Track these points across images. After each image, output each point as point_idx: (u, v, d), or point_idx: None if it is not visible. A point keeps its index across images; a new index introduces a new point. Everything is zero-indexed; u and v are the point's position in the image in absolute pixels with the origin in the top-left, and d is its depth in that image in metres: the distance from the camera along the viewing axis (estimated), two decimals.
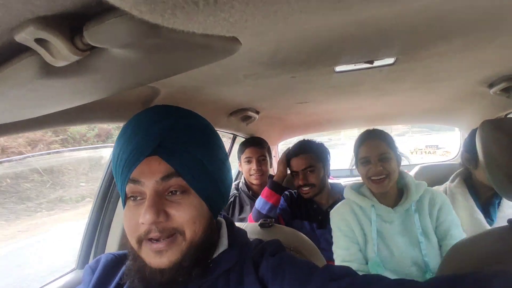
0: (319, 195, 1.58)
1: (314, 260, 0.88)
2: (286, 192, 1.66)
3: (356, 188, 1.35)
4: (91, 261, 0.74)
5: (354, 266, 1.19)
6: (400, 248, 1.19)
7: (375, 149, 1.24)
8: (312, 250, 0.93)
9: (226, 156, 0.66)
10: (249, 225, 1.06)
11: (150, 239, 0.55)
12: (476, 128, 0.92)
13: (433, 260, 1.16)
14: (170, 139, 0.56)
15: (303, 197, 1.58)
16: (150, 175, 0.55)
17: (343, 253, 1.24)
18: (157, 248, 0.55)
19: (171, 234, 0.55)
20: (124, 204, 0.60)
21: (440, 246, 1.19)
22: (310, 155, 1.55)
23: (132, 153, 0.55)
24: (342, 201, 1.37)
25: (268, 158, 1.85)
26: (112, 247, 1.25)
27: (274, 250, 0.65)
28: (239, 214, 1.80)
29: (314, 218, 1.56)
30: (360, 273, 0.56)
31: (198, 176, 0.57)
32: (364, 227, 1.26)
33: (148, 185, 0.55)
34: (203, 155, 0.58)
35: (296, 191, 1.67)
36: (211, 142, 0.62)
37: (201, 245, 0.58)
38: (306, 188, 1.54)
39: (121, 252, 0.73)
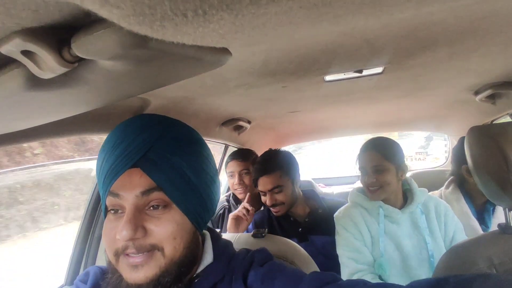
0: (293, 208, 1.48)
1: (309, 270, 0.87)
2: (257, 213, 1.57)
3: (362, 191, 1.35)
4: (79, 275, 0.71)
5: (365, 268, 1.18)
6: (407, 249, 1.20)
7: (370, 161, 1.26)
8: (305, 260, 0.92)
9: (214, 169, 0.64)
10: (242, 236, 1.05)
11: (127, 254, 0.53)
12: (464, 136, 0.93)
13: None
14: (155, 150, 0.54)
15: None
16: (130, 189, 0.53)
17: (354, 255, 1.21)
18: (133, 262, 0.52)
19: (149, 250, 0.53)
20: (105, 215, 0.58)
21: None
22: (276, 174, 1.41)
23: (113, 164, 0.53)
24: (347, 205, 1.35)
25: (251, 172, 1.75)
26: (102, 262, 1.22)
27: (263, 260, 0.64)
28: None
29: (292, 232, 1.46)
30: (370, 275, 0.56)
31: (181, 190, 0.55)
32: (371, 229, 1.26)
33: (128, 199, 0.53)
34: (189, 168, 0.56)
35: (264, 209, 1.58)
36: (198, 155, 0.59)
37: (182, 261, 0.56)
38: (276, 208, 1.43)
39: (106, 266, 0.71)
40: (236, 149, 2.01)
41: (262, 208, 1.62)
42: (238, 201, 1.80)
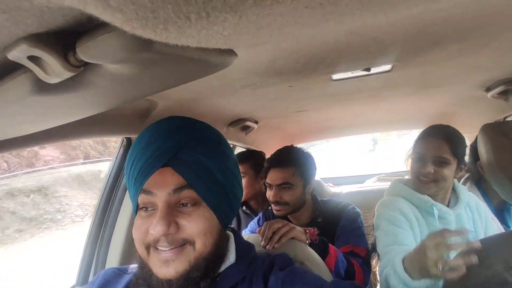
0: (296, 214, 1.34)
1: (320, 272, 0.86)
2: (260, 214, 1.46)
3: (408, 183, 1.21)
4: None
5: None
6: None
7: (433, 149, 1.11)
8: (318, 264, 0.91)
9: (237, 168, 0.66)
10: (251, 237, 1.04)
11: (158, 248, 0.55)
12: None
13: None
14: (185, 150, 0.57)
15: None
16: (163, 187, 0.55)
17: (404, 249, 1.00)
18: (164, 257, 0.54)
19: (181, 245, 0.55)
20: (136, 213, 0.60)
21: None
22: (290, 170, 1.28)
23: (145, 163, 0.56)
24: (390, 197, 1.19)
25: (248, 175, 1.69)
26: (113, 262, 1.23)
27: (283, 264, 0.65)
28: (238, 230, 1.76)
29: None
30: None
31: (210, 188, 0.58)
32: (422, 230, 1.11)
33: (161, 197, 0.55)
34: (215, 167, 0.58)
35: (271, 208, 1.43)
36: (224, 154, 0.62)
37: (210, 257, 0.58)
38: (278, 207, 1.30)
39: (123, 266, 0.74)
40: (243, 149, 2.01)
41: (270, 208, 1.58)
42: (242, 204, 1.78)
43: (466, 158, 1.25)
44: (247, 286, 0.61)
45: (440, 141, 1.12)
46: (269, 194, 1.33)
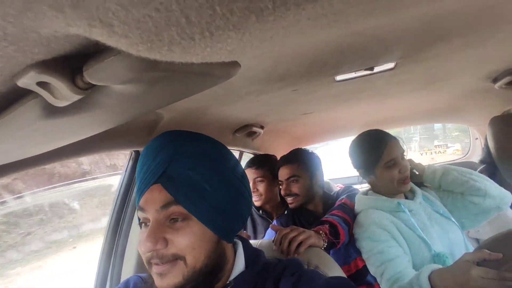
0: (312, 204, 1.49)
1: (334, 275, 0.85)
2: (274, 221, 1.55)
3: (371, 193, 1.25)
4: (119, 284, 0.76)
5: (409, 273, 1.00)
6: (440, 235, 1.12)
7: (396, 149, 1.17)
8: (331, 266, 0.90)
9: (238, 178, 0.64)
10: (263, 242, 1.04)
11: (154, 263, 0.57)
12: None
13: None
14: (174, 166, 0.58)
15: (297, 213, 1.50)
16: (152, 204, 0.57)
17: (396, 263, 1.02)
18: (159, 270, 0.56)
19: (171, 260, 0.56)
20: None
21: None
22: (294, 164, 1.47)
23: (141, 182, 0.59)
24: (363, 214, 1.20)
25: (267, 179, 1.70)
26: (127, 273, 1.23)
27: (294, 269, 0.65)
28: (254, 234, 1.75)
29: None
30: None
31: (199, 203, 0.57)
32: (402, 231, 1.12)
33: (151, 214, 0.57)
34: (206, 181, 0.58)
35: (288, 212, 1.57)
36: (216, 167, 0.61)
37: (204, 270, 0.58)
38: (290, 198, 1.46)
39: (147, 274, 0.74)
40: (252, 155, 2.00)
41: (285, 212, 1.61)
42: (258, 208, 1.79)
43: (478, 151, 1.27)
44: None
45: (394, 140, 1.20)
46: (282, 190, 1.49)
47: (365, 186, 1.39)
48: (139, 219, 0.62)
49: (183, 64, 0.30)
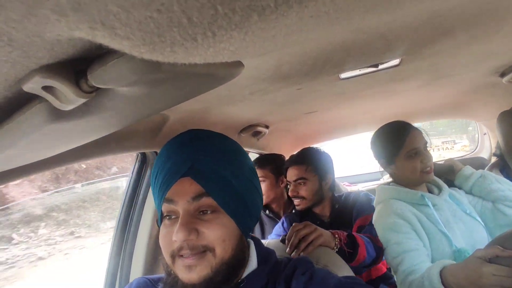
0: (319, 207, 1.45)
1: (342, 273, 0.85)
2: (283, 218, 1.53)
3: (393, 183, 1.23)
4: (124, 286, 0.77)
5: (425, 267, 0.97)
6: (459, 234, 1.08)
7: (420, 139, 1.14)
8: (340, 265, 0.89)
9: (255, 175, 0.68)
10: (271, 242, 1.04)
11: (182, 255, 0.58)
12: None
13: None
14: (201, 161, 0.60)
15: (305, 214, 1.46)
16: (183, 195, 0.59)
17: (414, 256, 1.00)
18: (188, 263, 0.57)
19: (201, 251, 0.58)
20: (161, 222, 0.63)
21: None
22: (303, 166, 1.42)
23: (167, 174, 0.60)
24: (383, 204, 1.17)
25: (269, 179, 1.70)
26: (136, 273, 1.24)
27: (304, 268, 0.66)
28: (262, 234, 1.74)
29: None
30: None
31: (227, 196, 0.60)
32: (423, 224, 1.09)
33: (181, 205, 0.59)
34: (232, 176, 0.61)
35: (294, 211, 1.54)
36: (239, 163, 0.64)
37: (231, 262, 0.60)
38: (297, 200, 1.43)
39: (155, 276, 0.76)
40: (257, 155, 2.00)
41: (293, 211, 1.59)
42: (265, 208, 1.79)
43: (486, 146, 1.25)
44: None
45: (417, 130, 1.17)
46: (289, 191, 1.46)
47: (375, 184, 1.37)
48: (161, 214, 0.62)
49: (186, 65, 0.30)
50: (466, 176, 1.21)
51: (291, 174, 1.45)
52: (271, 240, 1.05)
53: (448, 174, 1.27)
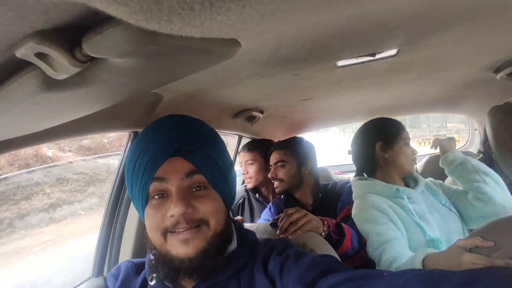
0: (299, 192, 1.51)
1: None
2: (270, 204, 1.58)
3: (367, 179, 1.26)
4: (112, 269, 0.78)
5: (407, 254, 1.02)
6: (439, 222, 1.14)
7: (405, 131, 1.27)
8: (327, 249, 0.92)
9: (229, 156, 0.73)
10: (260, 225, 1.05)
11: (176, 231, 0.59)
12: None
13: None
14: (189, 142, 0.63)
15: (289, 200, 1.52)
16: (175, 173, 0.60)
17: (394, 244, 1.04)
18: (184, 237, 0.59)
19: (196, 225, 0.60)
20: (145, 204, 0.63)
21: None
22: (284, 151, 1.51)
23: (155, 154, 0.61)
24: (361, 198, 1.21)
25: (258, 162, 1.76)
26: (126, 254, 1.25)
27: (282, 249, 0.67)
28: (251, 218, 1.77)
29: None
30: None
31: (215, 174, 0.64)
32: (400, 216, 1.13)
33: (174, 182, 0.60)
34: (217, 155, 0.65)
35: (283, 196, 1.59)
36: (220, 145, 0.69)
37: (223, 234, 0.64)
38: (276, 182, 1.52)
39: (139, 260, 0.77)
40: (250, 140, 2.01)
41: (281, 197, 1.62)
42: (255, 191, 1.82)
43: (476, 141, 1.29)
44: (249, 272, 0.65)
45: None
46: (270, 173, 1.55)
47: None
48: (146, 196, 0.62)
49: (182, 38, 0.30)
50: (448, 161, 1.28)
51: (273, 157, 1.54)
52: (260, 223, 1.07)
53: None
